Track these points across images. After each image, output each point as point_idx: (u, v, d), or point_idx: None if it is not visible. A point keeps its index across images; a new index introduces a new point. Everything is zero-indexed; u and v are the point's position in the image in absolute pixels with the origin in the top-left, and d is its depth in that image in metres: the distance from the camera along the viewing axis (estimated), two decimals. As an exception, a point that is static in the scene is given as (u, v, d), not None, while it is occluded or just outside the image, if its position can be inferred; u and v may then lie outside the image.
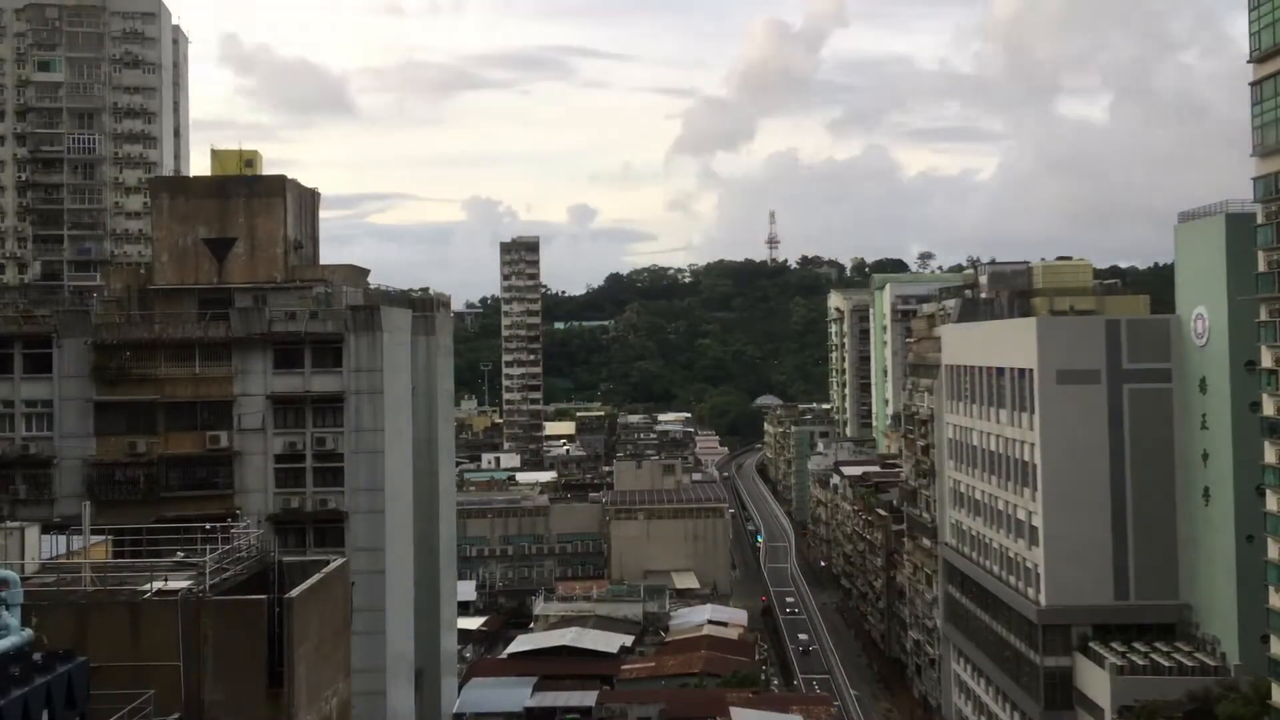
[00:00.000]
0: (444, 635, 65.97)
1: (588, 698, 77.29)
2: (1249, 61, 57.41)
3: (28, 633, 22.12)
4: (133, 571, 27.28)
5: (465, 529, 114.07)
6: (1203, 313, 67.30)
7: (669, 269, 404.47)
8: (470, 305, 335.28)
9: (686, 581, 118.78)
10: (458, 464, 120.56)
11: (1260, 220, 57.52)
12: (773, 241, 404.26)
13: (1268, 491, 56.86)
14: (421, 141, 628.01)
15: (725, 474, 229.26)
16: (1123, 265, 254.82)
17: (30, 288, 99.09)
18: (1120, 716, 63.19)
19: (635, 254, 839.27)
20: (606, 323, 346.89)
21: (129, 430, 52.95)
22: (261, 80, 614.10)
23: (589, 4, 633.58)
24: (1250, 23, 57.03)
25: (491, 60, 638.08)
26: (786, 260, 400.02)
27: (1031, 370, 72.27)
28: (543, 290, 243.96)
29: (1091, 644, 68.66)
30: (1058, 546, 70.42)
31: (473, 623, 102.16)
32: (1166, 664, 65.01)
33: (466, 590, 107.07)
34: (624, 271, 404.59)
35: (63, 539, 30.64)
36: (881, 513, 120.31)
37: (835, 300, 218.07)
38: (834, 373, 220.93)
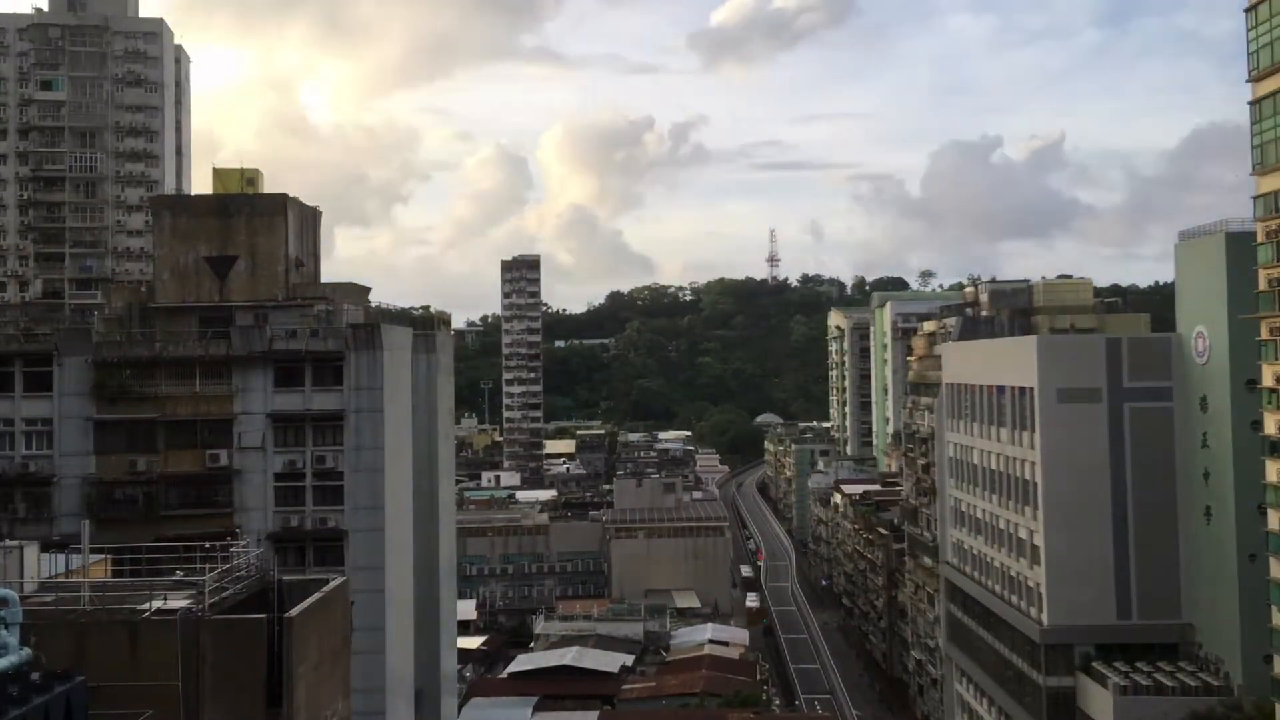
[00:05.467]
0: (444, 655, 65.65)
1: (588, 718, 77.09)
2: (1248, 80, 57.61)
3: (26, 652, 22.01)
4: (132, 590, 27.15)
5: (465, 548, 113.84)
6: (1203, 331, 67.32)
7: (669, 287, 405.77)
8: (471, 323, 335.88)
9: (687, 600, 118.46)
10: (458, 482, 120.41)
11: (1260, 238, 57.64)
12: (773, 259, 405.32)
13: (1269, 510, 56.78)
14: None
15: (726, 492, 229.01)
16: (1123, 284, 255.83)
17: (31, 305, 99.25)
18: (1123, 737, 62.93)
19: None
20: (607, 341, 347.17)
21: (129, 448, 52.85)
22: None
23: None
24: (1249, 42, 57.27)
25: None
26: (787, 278, 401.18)
27: (1032, 389, 72.25)
28: (543, 308, 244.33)
29: (1094, 664, 68.40)
30: (1059, 566, 70.25)
31: (473, 642, 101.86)
32: (1170, 684, 64.74)
33: (466, 609, 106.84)
34: (625, 289, 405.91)
35: (62, 558, 30.52)
36: (882, 531, 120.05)
37: (835, 318, 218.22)
38: (834, 391, 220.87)
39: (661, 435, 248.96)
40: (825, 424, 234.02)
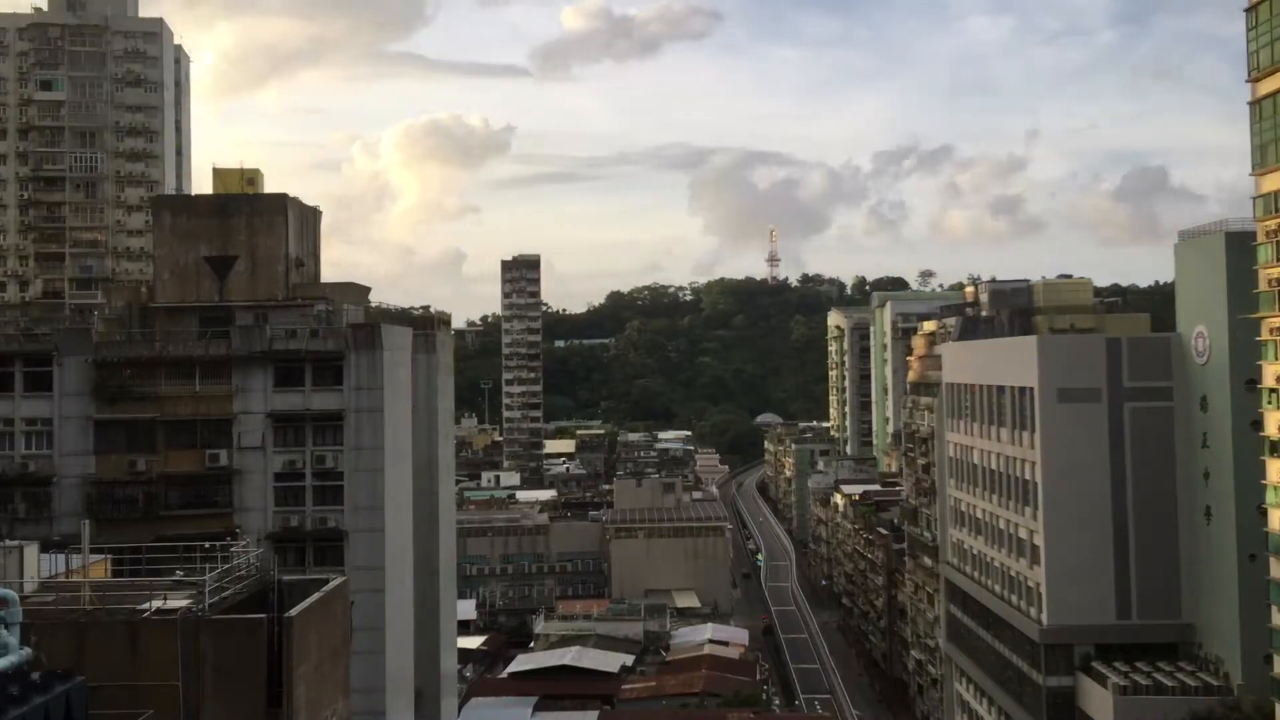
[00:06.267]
0: (444, 654, 65.64)
1: (588, 718, 77.10)
2: (1248, 80, 57.62)
3: (26, 652, 22.00)
4: (132, 590, 27.16)
5: (465, 547, 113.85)
6: (1203, 331, 67.32)
7: (669, 287, 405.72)
8: (471, 323, 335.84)
9: (687, 600, 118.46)
10: (458, 482, 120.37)
11: (1260, 238, 57.65)
12: (773, 259, 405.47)
13: (1269, 510, 56.79)
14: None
15: (726, 492, 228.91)
16: (1123, 284, 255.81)
17: (32, 305, 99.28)
18: (1123, 737, 62.93)
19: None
20: (607, 341, 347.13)
21: (129, 448, 52.83)
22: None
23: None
24: (1249, 42, 57.30)
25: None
26: (787, 278, 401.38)
27: (1032, 389, 72.24)
28: (543, 308, 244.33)
29: (1094, 664, 68.42)
30: (1059, 566, 70.24)
31: (473, 642, 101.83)
32: (1169, 684, 64.75)
33: (466, 609, 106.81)
34: (624, 289, 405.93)
35: (62, 557, 30.53)
36: (882, 531, 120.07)
37: (835, 318, 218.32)
38: (834, 391, 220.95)
39: (661, 435, 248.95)
40: (825, 424, 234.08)
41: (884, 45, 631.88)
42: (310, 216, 61.95)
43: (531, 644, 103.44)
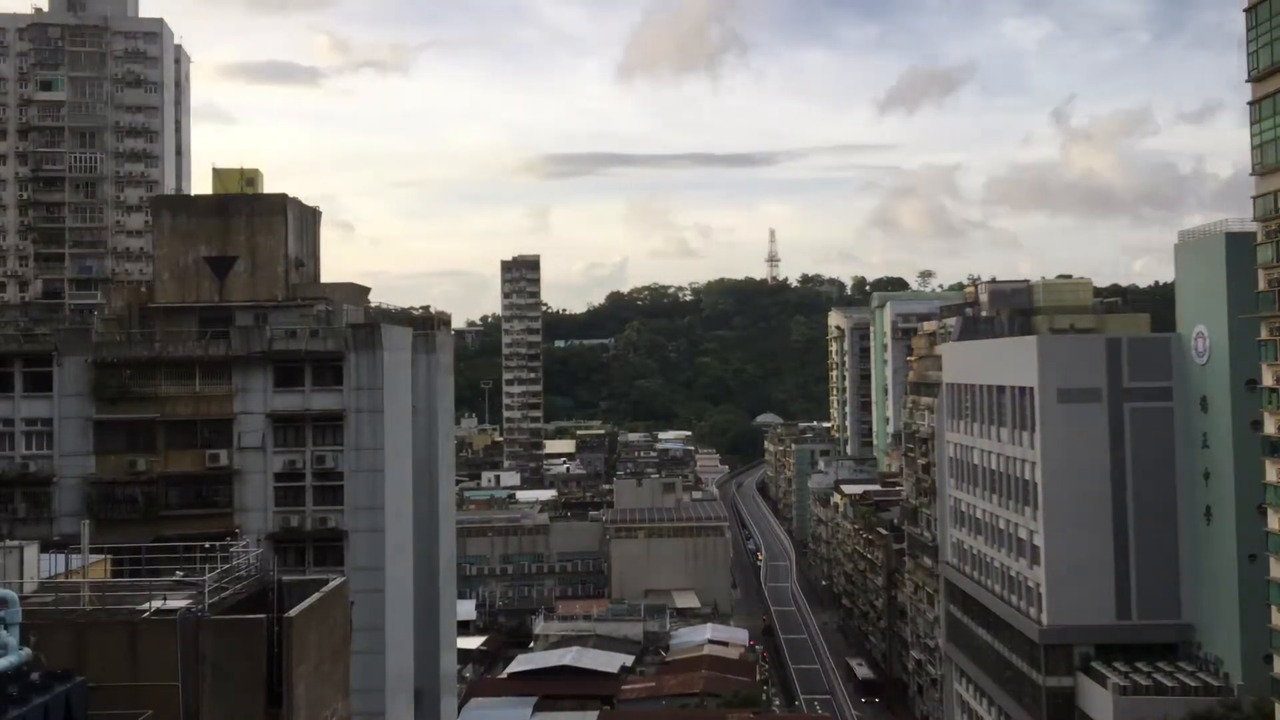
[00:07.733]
0: (443, 655, 65.62)
1: (588, 718, 77.12)
2: (1247, 80, 57.65)
3: (26, 652, 22.01)
4: (132, 591, 27.14)
5: (465, 548, 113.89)
6: (1203, 331, 67.34)
7: (669, 287, 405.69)
8: (471, 323, 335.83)
9: (687, 600, 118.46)
10: (458, 482, 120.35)
11: (1260, 239, 57.67)
12: (773, 260, 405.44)
13: (1269, 510, 56.81)
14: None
15: (726, 492, 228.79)
16: (1123, 284, 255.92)
17: (31, 306, 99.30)
18: (1123, 737, 62.95)
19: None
20: (607, 341, 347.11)
21: (129, 448, 52.80)
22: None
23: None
24: (1248, 42, 57.31)
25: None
26: (787, 279, 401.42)
27: (1032, 389, 72.27)
28: (543, 308, 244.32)
29: (1094, 664, 68.45)
30: (1059, 566, 70.28)
31: (472, 642, 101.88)
32: (1169, 684, 64.78)
33: (466, 609, 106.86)
34: (624, 289, 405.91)
35: (62, 558, 30.51)
36: (882, 531, 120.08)
37: (835, 318, 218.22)
38: (834, 391, 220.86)
39: (661, 435, 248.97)
40: (825, 424, 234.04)
41: (918, 41, 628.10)
42: (310, 217, 61.94)
43: (531, 644, 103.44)
